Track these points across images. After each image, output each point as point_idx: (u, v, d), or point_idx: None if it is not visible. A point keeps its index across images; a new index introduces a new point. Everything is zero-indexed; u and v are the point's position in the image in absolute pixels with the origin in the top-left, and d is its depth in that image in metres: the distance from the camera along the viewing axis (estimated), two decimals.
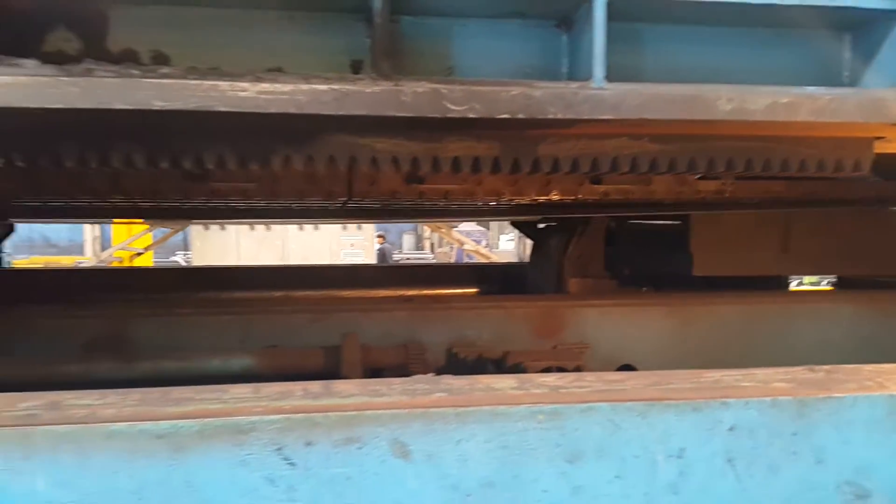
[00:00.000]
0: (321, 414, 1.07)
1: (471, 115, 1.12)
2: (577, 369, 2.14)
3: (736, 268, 2.82)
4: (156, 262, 12.16)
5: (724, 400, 1.26)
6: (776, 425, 1.24)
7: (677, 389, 1.33)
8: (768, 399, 1.27)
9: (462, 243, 12.82)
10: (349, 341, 1.98)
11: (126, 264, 10.28)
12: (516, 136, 1.32)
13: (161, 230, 10.37)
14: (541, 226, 3.60)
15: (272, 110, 1.04)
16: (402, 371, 2.06)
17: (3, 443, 0.97)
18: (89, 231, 12.52)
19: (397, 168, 1.27)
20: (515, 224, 4.26)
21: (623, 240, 3.28)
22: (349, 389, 1.20)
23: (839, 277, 3.23)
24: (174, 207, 2.69)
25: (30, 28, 1.22)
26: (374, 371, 2.07)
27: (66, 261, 11.90)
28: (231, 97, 1.04)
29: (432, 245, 18.71)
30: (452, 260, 15.75)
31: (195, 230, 11.24)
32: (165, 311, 2.19)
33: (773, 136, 1.40)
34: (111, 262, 10.40)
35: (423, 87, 1.11)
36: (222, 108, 1.03)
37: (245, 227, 10.61)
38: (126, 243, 10.49)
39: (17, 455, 0.97)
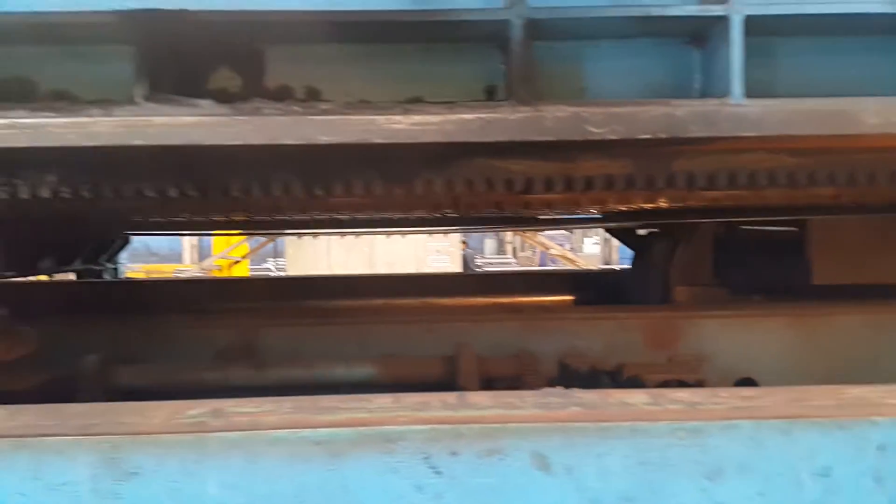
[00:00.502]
0: (464, 425, 1.11)
1: (611, 137, 1.15)
2: (699, 383, 2.12)
3: (858, 276, 2.69)
4: (250, 269, 12.76)
5: (872, 419, 1.23)
6: None
7: (820, 406, 1.30)
8: None
9: (547, 247, 12.70)
10: (465, 351, 2.04)
11: (225, 272, 10.85)
12: (650, 154, 1.34)
13: (257, 239, 10.87)
14: (642, 232, 3.56)
15: (424, 140, 1.11)
16: (516, 382, 2.11)
17: (179, 448, 1.05)
18: (188, 240, 13.27)
19: (531, 189, 1.31)
20: (611, 231, 4.21)
21: (733, 247, 3.18)
22: (485, 402, 1.24)
23: None
24: (279, 220, 2.84)
25: (195, 68, 1.35)
26: (488, 381, 2.11)
27: (166, 269, 12.62)
28: (386, 129, 1.12)
29: (514, 249, 18.66)
30: (536, 263, 15.64)
31: (289, 238, 11.70)
32: (290, 320, 2.32)
33: None
34: (211, 271, 11.00)
35: (563, 111, 1.15)
36: (379, 141, 1.11)
37: (335, 235, 10.96)
38: (225, 252, 11.05)
39: (191, 459, 1.05)
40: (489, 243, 20.94)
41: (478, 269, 13.42)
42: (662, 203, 2.42)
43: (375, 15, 1.26)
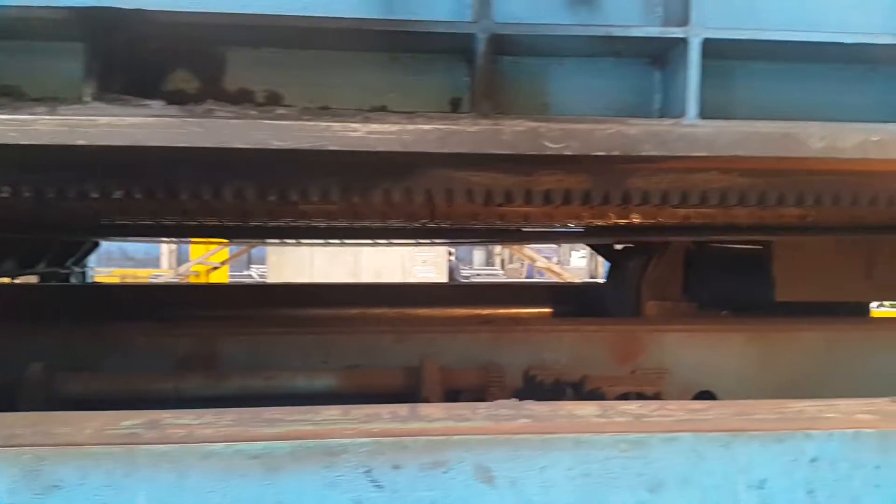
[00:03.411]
0: (410, 438, 1.10)
1: (567, 153, 1.17)
2: (657, 395, 2.15)
3: (819, 294, 2.75)
4: (230, 275, 12.65)
5: (807, 431, 1.26)
6: (859, 458, 1.23)
7: (761, 420, 1.33)
8: (851, 431, 1.26)
9: (533, 260, 12.74)
10: (429, 363, 2.05)
11: (203, 278, 10.73)
12: (607, 170, 1.36)
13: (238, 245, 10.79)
14: (618, 247, 3.60)
15: (380, 149, 1.12)
16: (481, 393, 2.12)
17: (107, 460, 1.00)
18: (166, 245, 13.12)
19: (491, 200, 1.33)
20: (592, 245, 4.25)
21: (703, 263, 3.23)
22: (435, 413, 1.25)
23: None
24: (255, 227, 2.82)
25: (153, 69, 1.34)
26: (453, 392, 2.12)
27: (143, 273, 12.41)
28: (342, 137, 1.13)
29: (503, 261, 18.69)
30: (523, 276, 15.68)
31: (271, 245, 11.61)
32: (253, 329, 2.29)
33: (861, 171, 1.39)
34: (189, 277, 10.88)
35: (522, 125, 1.17)
36: (334, 148, 1.12)
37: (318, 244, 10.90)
38: (204, 258, 10.94)
39: (119, 472, 1.00)
40: (478, 254, 20.97)
41: (463, 280, 13.45)
42: (635, 219, 2.47)
43: (342, 22, 1.27)
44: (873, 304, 3.39)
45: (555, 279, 10.99)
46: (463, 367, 2.13)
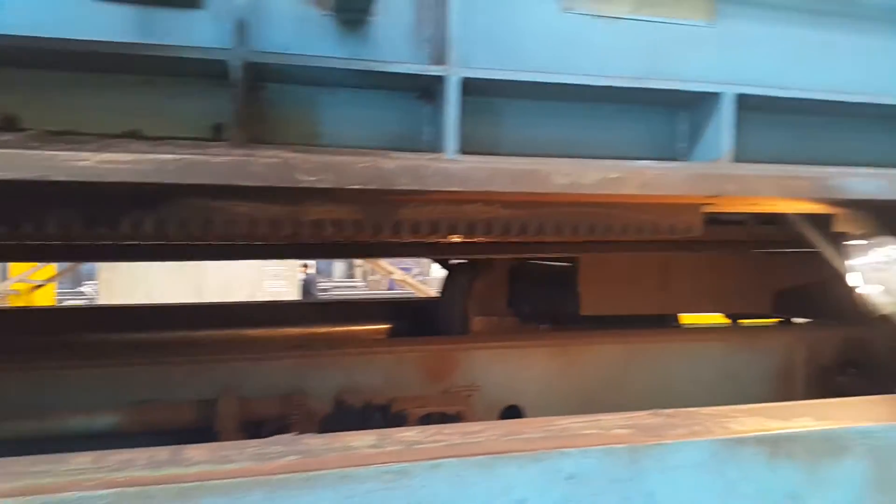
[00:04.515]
0: (158, 486, 1.05)
1: (322, 186, 1.16)
2: (459, 414, 2.21)
3: (619, 307, 2.97)
4: (59, 294, 11.53)
5: (563, 450, 1.34)
6: (611, 472, 1.33)
7: (526, 440, 1.40)
8: (603, 447, 1.36)
9: (390, 272, 12.71)
10: (224, 394, 1.97)
11: (24, 298, 9.71)
12: (378, 200, 1.37)
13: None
14: (453, 262, 3.68)
15: (112, 179, 1.05)
16: (285, 423, 2.06)
17: None
18: None
19: (255, 231, 1.29)
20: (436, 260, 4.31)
21: (523, 279, 3.38)
22: (196, 456, 1.19)
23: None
24: (78, 246, 2.57)
25: None
26: (255, 424, 2.05)
27: None
28: (71, 167, 1.04)
29: (365, 273, 18.53)
30: (385, 287, 15.62)
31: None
32: (28, 364, 2.06)
33: (615, 203, 1.51)
34: (7, 296, 9.80)
35: (273, 157, 1.15)
36: (62, 178, 1.03)
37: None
38: (25, 275, 9.91)
39: None
40: (338, 266, 20.63)
41: (319, 295, 13.11)
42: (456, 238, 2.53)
43: (91, 45, 1.19)
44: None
45: (404, 293, 11.07)
46: (263, 397, 2.06)
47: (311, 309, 3.95)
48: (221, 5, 1.26)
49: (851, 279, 1.59)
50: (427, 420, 2.14)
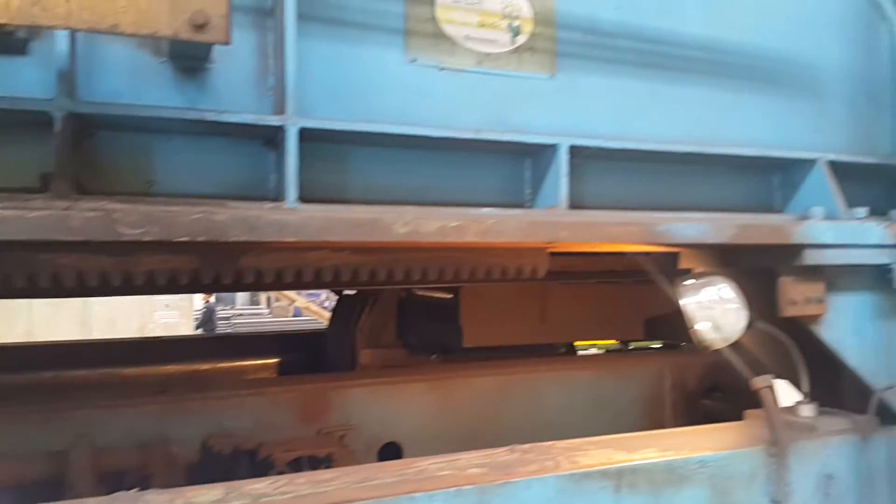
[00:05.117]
0: None
1: (146, 239, 1.13)
2: (330, 457, 2.18)
3: (500, 338, 3.04)
4: None
5: (412, 494, 1.36)
6: None
7: (377, 486, 1.41)
8: (453, 489, 1.39)
9: (293, 300, 12.40)
10: (77, 444, 1.86)
11: None
12: (216, 249, 1.35)
13: None
14: (344, 293, 3.64)
15: None
16: (144, 474, 1.97)
17: None
18: None
19: (84, 283, 1.24)
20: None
21: (411, 311, 3.40)
22: None
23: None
24: None
25: None
26: (113, 475, 1.94)
27: None
28: None
29: (269, 299, 18.00)
30: (290, 314, 15.22)
31: None
32: None
33: (463, 248, 1.56)
34: None
35: (96, 210, 1.11)
36: None
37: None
38: None
39: None
40: (241, 294, 19.92)
41: (220, 324, 12.59)
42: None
43: None
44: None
45: (318, 320, 10.87)
46: (122, 447, 1.96)
47: (193, 345, 3.81)
48: (46, 52, 1.22)
49: (685, 315, 1.71)
50: (296, 464, 2.10)
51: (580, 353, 3.57)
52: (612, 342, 3.67)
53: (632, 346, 3.55)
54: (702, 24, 1.82)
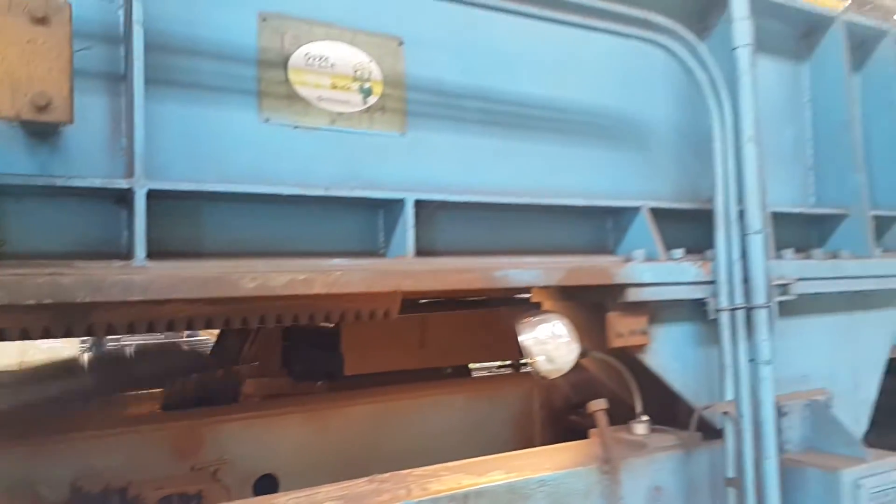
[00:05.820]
0: None
1: None
2: (200, 493, 2.22)
3: (381, 365, 3.16)
4: None
5: None
6: None
7: None
8: None
9: None
10: None
11: None
12: (67, 306, 1.40)
13: None
14: None
15: None
16: None
17: None
18: None
19: None
20: None
21: (296, 339, 3.45)
22: None
23: None
24: None
25: None
26: None
27: None
28: None
29: None
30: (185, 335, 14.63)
31: None
32: None
33: (318, 294, 1.67)
34: None
35: None
36: None
37: None
38: None
39: None
40: None
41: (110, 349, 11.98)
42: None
43: None
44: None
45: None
46: None
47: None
48: None
49: (524, 349, 1.89)
50: (166, 502, 2.13)
51: (474, 374, 3.75)
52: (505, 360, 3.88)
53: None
54: (542, 85, 2.03)
